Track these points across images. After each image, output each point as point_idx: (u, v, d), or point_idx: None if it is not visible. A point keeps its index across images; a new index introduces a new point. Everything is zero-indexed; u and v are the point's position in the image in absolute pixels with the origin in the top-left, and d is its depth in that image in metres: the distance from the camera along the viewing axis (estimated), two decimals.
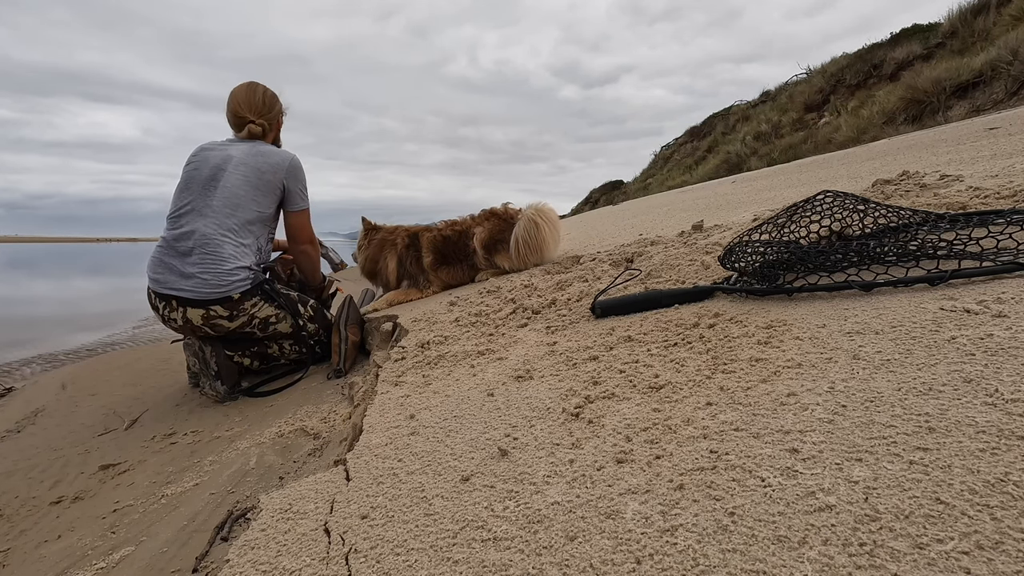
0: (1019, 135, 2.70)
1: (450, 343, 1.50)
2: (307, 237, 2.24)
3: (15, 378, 2.94)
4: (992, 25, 7.19)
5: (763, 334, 0.94)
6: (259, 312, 2.00)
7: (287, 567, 0.67)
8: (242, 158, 2.03)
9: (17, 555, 1.09)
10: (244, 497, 1.09)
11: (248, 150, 2.06)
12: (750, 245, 1.25)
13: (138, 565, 0.92)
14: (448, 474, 0.78)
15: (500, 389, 1.06)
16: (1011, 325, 0.73)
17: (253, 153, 2.05)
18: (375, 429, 1.02)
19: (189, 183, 1.99)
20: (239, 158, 2.02)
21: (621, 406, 0.85)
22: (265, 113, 2.15)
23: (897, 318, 0.85)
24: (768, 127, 11.16)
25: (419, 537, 0.65)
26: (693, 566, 0.49)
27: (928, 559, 0.43)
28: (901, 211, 1.24)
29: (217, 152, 2.04)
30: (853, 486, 0.53)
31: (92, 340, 4.02)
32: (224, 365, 1.94)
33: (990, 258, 0.97)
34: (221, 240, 1.91)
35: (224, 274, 1.89)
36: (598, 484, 0.66)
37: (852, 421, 0.63)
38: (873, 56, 9.70)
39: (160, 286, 1.89)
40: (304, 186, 2.15)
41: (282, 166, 2.07)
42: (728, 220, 2.35)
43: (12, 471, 1.54)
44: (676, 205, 4.60)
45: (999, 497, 0.46)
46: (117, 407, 2.06)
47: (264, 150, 2.08)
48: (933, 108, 6.52)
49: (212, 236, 1.90)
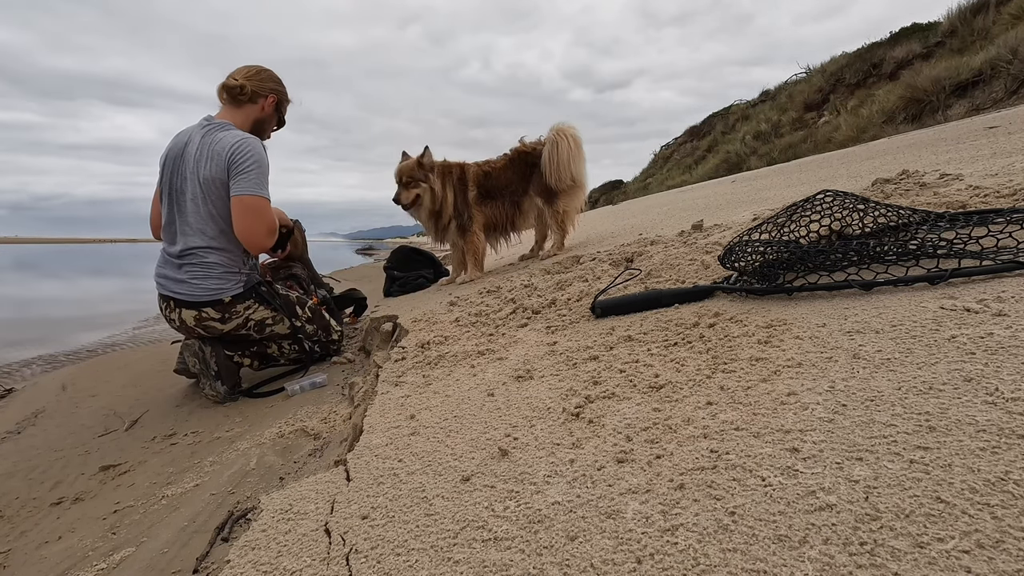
0: (1019, 134, 2.70)
1: (450, 343, 1.50)
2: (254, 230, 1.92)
3: (15, 379, 2.94)
4: (992, 24, 7.19)
5: (763, 333, 0.94)
6: (254, 314, 2.01)
7: (288, 567, 0.67)
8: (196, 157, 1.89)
9: (18, 556, 1.09)
10: (245, 498, 1.09)
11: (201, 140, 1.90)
12: (750, 244, 1.25)
13: (139, 566, 0.92)
14: (448, 474, 0.78)
15: (500, 389, 1.06)
16: (1011, 324, 0.73)
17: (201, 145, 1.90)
18: (375, 429, 1.02)
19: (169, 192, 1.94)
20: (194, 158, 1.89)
21: (621, 406, 0.85)
22: (253, 78, 2.02)
23: (897, 317, 0.85)
24: (768, 126, 11.16)
25: (420, 537, 0.65)
26: (694, 566, 0.49)
27: (929, 558, 0.43)
28: (901, 210, 1.24)
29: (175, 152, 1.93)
30: (854, 485, 0.53)
31: (92, 341, 4.02)
32: (224, 365, 1.95)
33: (990, 257, 0.97)
34: (206, 252, 1.92)
35: (213, 278, 1.92)
36: (599, 484, 0.66)
37: (852, 420, 0.63)
38: (873, 55, 9.71)
39: (161, 287, 1.96)
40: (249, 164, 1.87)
41: (222, 159, 1.87)
42: (728, 220, 2.35)
43: (12, 472, 1.54)
44: (676, 205, 4.60)
45: (1000, 496, 0.46)
46: (117, 408, 2.06)
47: (214, 138, 1.89)
48: (933, 107, 6.52)
49: (196, 250, 1.91)
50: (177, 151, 1.95)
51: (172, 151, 1.97)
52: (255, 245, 1.99)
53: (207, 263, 1.92)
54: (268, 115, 2.10)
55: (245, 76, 2.02)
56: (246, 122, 2.04)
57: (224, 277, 1.93)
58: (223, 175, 1.88)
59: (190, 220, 1.91)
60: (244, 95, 2.01)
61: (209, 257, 1.92)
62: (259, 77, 2.05)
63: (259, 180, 1.91)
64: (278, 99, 2.12)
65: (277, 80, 2.12)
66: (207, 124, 1.96)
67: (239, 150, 1.88)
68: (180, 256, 1.92)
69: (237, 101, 2.02)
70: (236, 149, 1.87)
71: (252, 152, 1.90)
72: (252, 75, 2.04)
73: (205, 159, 1.89)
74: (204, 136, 1.92)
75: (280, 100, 2.14)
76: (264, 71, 2.08)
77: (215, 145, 1.89)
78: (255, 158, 1.90)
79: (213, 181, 1.88)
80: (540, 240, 3.04)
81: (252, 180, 1.89)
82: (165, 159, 1.98)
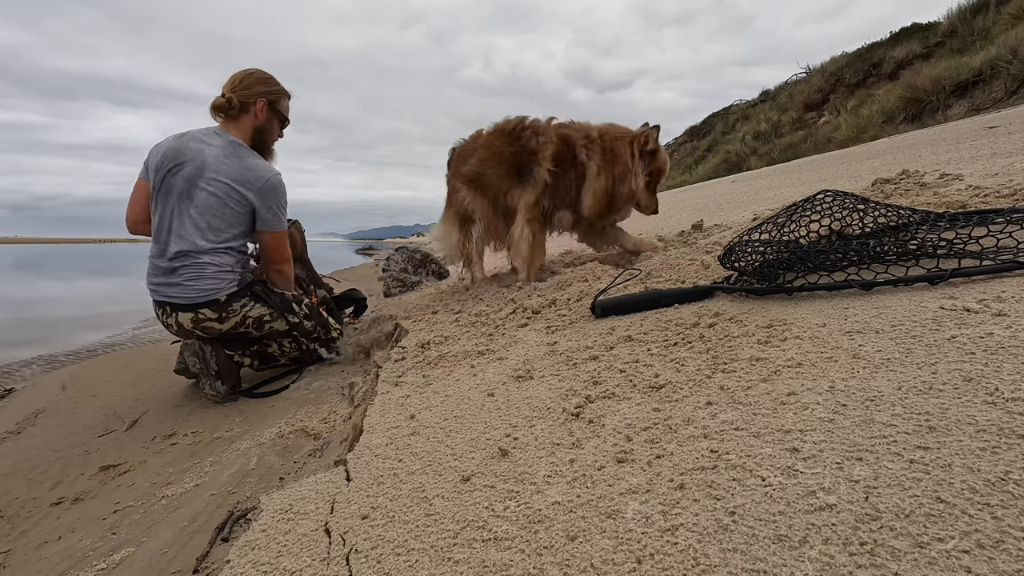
0: (1018, 134, 2.70)
1: (450, 343, 1.50)
2: (282, 257, 2.11)
3: (15, 379, 2.94)
4: (992, 24, 7.19)
5: (763, 333, 0.94)
6: (251, 312, 2.01)
7: (288, 567, 0.67)
8: (216, 166, 1.89)
9: (18, 556, 1.08)
10: (245, 498, 1.09)
11: (224, 153, 1.91)
12: (750, 244, 1.25)
13: (139, 566, 0.92)
14: (448, 474, 0.78)
15: (500, 389, 1.06)
16: (1011, 324, 0.73)
17: (230, 160, 1.91)
18: (375, 429, 1.02)
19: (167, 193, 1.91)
20: (213, 166, 1.89)
21: (621, 406, 0.85)
22: (238, 88, 1.99)
23: (897, 317, 0.85)
24: (768, 126, 11.17)
25: (420, 537, 0.65)
26: (694, 565, 0.49)
27: (929, 558, 0.43)
28: (901, 210, 1.24)
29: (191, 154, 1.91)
30: (854, 485, 0.53)
31: (92, 341, 4.02)
32: (224, 365, 1.95)
33: (990, 257, 0.97)
34: (199, 255, 1.91)
35: (207, 279, 1.91)
36: (599, 484, 0.66)
37: (852, 420, 0.63)
38: (872, 55, 9.71)
39: (155, 293, 1.96)
40: (280, 205, 2.01)
41: (254, 185, 1.93)
42: (728, 220, 2.35)
43: (12, 472, 1.54)
44: (676, 204, 4.60)
45: (1000, 496, 0.46)
46: (117, 408, 2.06)
47: (244, 163, 1.93)
48: (932, 107, 6.52)
49: (191, 252, 1.90)
50: (185, 155, 1.91)
51: (174, 153, 1.92)
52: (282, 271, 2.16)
53: (200, 263, 1.91)
54: (265, 120, 2.06)
55: (231, 88, 1.99)
56: (247, 134, 2.02)
57: (218, 277, 1.93)
58: (251, 193, 1.94)
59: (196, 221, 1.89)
60: (234, 108, 1.99)
61: (202, 258, 1.91)
62: (244, 85, 2.00)
63: (285, 215, 2.09)
64: (269, 101, 2.06)
65: (265, 80, 2.06)
66: (232, 140, 1.97)
67: (273, 188, 1.98)
68: (172, 259, 1.90)
69: (230, 116, 2.00)
70: (271, 186, 1.97)
71: (283, 190, 2.04)
72: (237, 85, 2.00)
73: (237, 169, 1.92)
74: (232, 148, 1.94)
75: (273, 101, 2.07)
76: (250, 75, 2.03)
77: (251, 167, 1.95)
78: (285, 196, 2.05)
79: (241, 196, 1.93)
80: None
81: (283, 217, 2.08)
82: (163, 160, 1.92)
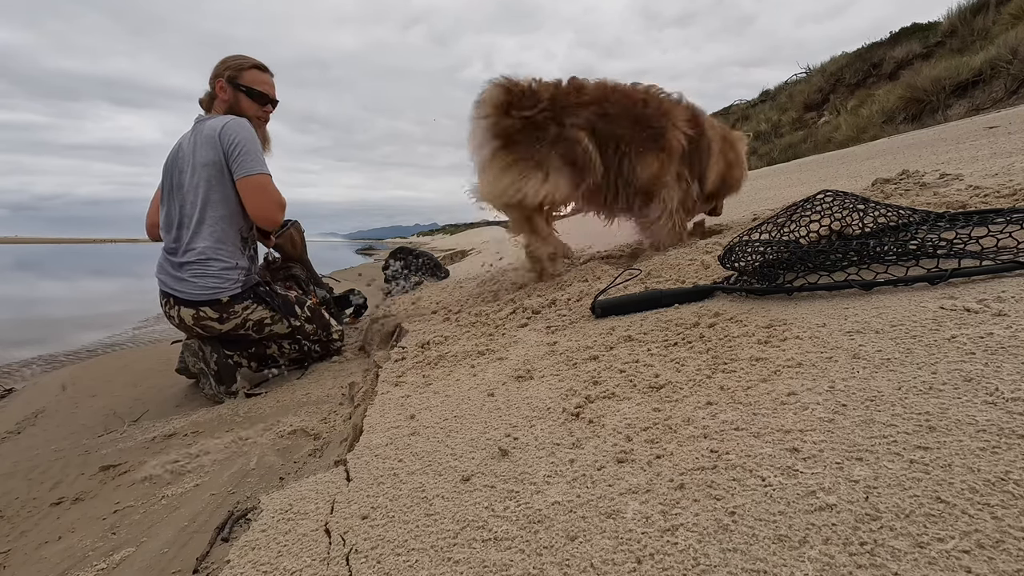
0: (1018, 134, 2.70)
1: (450, 343, 1.50)
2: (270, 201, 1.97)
3: (15, 379, 2.94)
4: (992, 24, 7.19)
5: (763, 333, 0.94)
6: (252, 315, 2.02)
7: (288, 568, 0.67)
8: (190, 148, 1.98)
9: (18, 556, 1.08)
10: (245, 498, 1.09)
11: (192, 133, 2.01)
12: (750, 244, 1.25)
13: (139, 566, 0.92)
14: (448, 474, 0.78)
15: (500, 389, 1.06)
16: (1011, 324, 0.73)
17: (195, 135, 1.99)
18: (375, 429, 1.02)
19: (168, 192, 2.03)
20: (188, 148, 1.99)
21: (621, 406, 0.85)
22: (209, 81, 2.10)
23: (897, 317, 0.85)
24: (768, 126, 11.16)
25: (420, 537, 0.65)
26: (694, 566, 0.49)
27: (929, 558, 0.43)
28: (901, 210, 1.24)
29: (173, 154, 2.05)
30: (854, 485, 0.53)
31: (92, 341, 4.02)
32: (223, 365, 1.95)
33: (990, 257, 0.97)
34: (205, 249, 1.95)
35: (212, 277, 1.94)
36: (599, 484, 0.66)
37: (852, 420, 0.62)
38: (872, 55, 9.71)
39: (162, 284, 2.00)
40: (242, 142, 1.92)
41: (212, 138, 1.92)
42: (728, 219, 2.35)
43: (12, 472, 1.54)
44: None
45: (1000, 496, 0.46)
46: (117, 408, 2.06)
47: (202, 127, 1.98)
48: (932, 107, 6.52)
49: (197, 246, 1.94)
50: (174, 153, 2.05)
51: (173, 154, 2.07)
52: (268, 220, 2.05)
53: (205, 259, 1.94)
54: (229, 98, 2.07)
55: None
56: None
57: (221, 275, 1.95)
58: (219, 157, 1.93)
59: (188, 211, 1.96)
60: (205, 100, 2.12)
61: (207, 252, 1.95)
62: (211, 76, 2.10)
63: (256, 158, 1.95)
64: (227, 78, 2.06)
65: (223, 61, 2.11)
66: (196, 120, 2.07)
67: (227, 131, 1.93)
68: (179, 254, 1.96)
69: (208, 108, 2.13)
70: (224, 131, 1.93)
71: (240, 132, 1.94)
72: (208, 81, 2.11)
73: (199, 145, 1.96)
74: (195, 129, 2.03)
75: (232, 77, 2.06)
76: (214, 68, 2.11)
77: (205, 131, 1.97)
78: (244, 137, 1.94)
79: (212, 164, 1.94)
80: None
81: (250, 160, 1.93)
82: (166, 162, 2.08)
